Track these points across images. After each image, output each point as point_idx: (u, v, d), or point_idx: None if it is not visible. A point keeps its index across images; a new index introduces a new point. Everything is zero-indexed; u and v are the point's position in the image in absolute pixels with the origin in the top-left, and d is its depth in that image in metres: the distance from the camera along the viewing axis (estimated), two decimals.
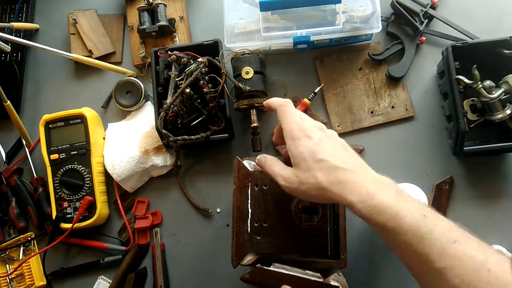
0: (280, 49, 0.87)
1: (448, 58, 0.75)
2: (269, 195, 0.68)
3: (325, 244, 0.64)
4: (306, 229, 0.65)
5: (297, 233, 0.66)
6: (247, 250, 0.67)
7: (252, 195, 0.68)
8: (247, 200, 0.68)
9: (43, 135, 0.85)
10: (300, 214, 0.66)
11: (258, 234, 0.67)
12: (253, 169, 0.70)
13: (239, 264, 0.66)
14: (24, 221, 0.86)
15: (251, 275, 0.66)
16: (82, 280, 0.84)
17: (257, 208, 0.68)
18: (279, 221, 0.67)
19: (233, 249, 0.67)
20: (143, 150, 0.83)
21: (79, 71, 0.94)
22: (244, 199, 0.68)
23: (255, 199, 0.68)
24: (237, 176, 0.69)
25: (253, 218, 0.67)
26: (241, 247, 0.67)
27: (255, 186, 0.69)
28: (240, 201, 0.68)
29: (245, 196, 0.68)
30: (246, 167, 0.70)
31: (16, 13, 0.96)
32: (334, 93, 0.86)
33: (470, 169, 0.81)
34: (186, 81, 0.76)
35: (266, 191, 0.68)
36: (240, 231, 0.67)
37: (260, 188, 0.68)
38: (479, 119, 0.78)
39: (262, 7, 0.78)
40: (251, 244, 0.67)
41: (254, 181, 0.69)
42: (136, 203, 0.85)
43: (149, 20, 0.89)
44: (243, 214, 0.68)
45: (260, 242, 0.66)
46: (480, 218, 0.79)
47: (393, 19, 0.86)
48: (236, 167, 0.70)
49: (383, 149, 0.83)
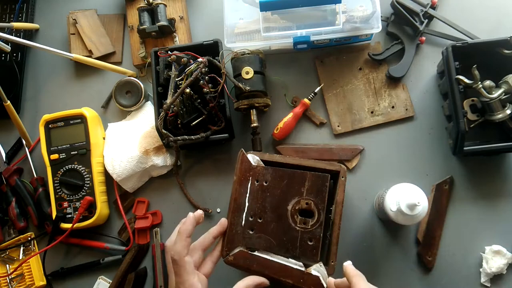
0: (280, 49, 0.87)
1: (448, 58, 0.75)
2: (268, 192, 0.68)
3: (316, 248, 0.65)
4: (299, 231, 0.66)
5: (290, 233, 0.66)
6: (238, 242, 0.67)
7: (251, 190, 0.69)
8: (246, 193, 0.69)
9: (43, 135, 0.85)
10: (296, 215, 0.66)
11: (251, 228, 0.67)
12: (256, 164, 0.70)
13: (228, 255, 0.66)
14: (24, 221, 0.86)
15: (235, 258, 0.66)
16: (82, 280, 0.84)
17: (254, 203, 0.68)
18: (274, 219, 0.67)
19: (225, 239, 0.67)
20: (143, 150, 0.83)
21: (79, 71, 0.94)
22: (243, 192, 0.69)
23: (253, 194, 0.68)
24: (239, 168, 0.70)
25: (248, 212, 0.68)
26: (232, 238, 0.67)
27: (255, 181, 0.69)
28: (238, 193, 0.69)
29: (244, 190, 0.69)
30: (250, 161, 0.70)
31: (16, 13, 0.96)
32: (334, 93, 0.86)
33: (470, 169, 0.81)
34: (186, 81, 0.76)
35: (266, 188, 0.68)
36: (234, 223, 0.68)
37: (261, 184, 0.69)
38: (479, 119, 0.78)
39: (262, 7, 0.78)
40: (243, 238, 0.67)
41: (255, 176, 0.69)
42: (136, 203, 0.85)
43: (149, 20, 0.89)
44: (240, 207, 0.68)
45: (252, 237, 0.67)
46: (480, 218, 0.79)
47: (393, 19, 0.86)
48: (239, 159, 0.70)
49: (383, 149, 0.83)
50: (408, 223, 0.69)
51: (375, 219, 0.81)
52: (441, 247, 0.78)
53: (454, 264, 0.78)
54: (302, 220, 0.66)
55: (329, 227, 0.67)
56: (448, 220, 0.79)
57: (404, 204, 0.66)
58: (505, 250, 0.76)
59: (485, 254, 0.76)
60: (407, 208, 0.65)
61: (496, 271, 0.75)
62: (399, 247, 0.79)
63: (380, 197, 0.75)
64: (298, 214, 0.66)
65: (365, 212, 0.81)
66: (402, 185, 0.69)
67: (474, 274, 0.77)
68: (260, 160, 0.71)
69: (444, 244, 0.78)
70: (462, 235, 0.78)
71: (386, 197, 0.70)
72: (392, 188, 0.70)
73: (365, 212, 0.81)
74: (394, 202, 0.68)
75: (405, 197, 0.66)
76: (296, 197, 0.67)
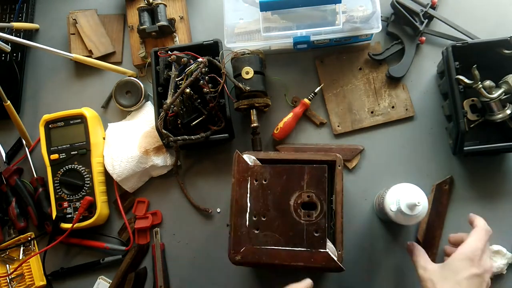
0: (280, 49, 0.87)
1: (448, 58, 0.75)
2: (268, 189, 0.68)
3: (323, 238, 0.65)
4: (304, 224, 0.66)
5: (295, 227, 0.66)
6: (245, 243, 0.67)
7: (251, 189, 0.69)
8: (246, 194, 0.69)
9: (43, 135, 0.85)
10: (299, 209, 0.67)
11: (256, 228, 0.67)
12: (253, 164, 0.70)
13: (236, 257, 0.66)
14: (24, 221, 0.86)
15: (243, 256, 0.66)
16: (82, 280, 0.84)
17: (256, 202, 0.68)
18: (278, 215, 0.67)
19: (231, 242, 0.67)
20: (143, 150, 0.83)
21: (79, 71, 0.94)
22: (243, 192, 0.69)
23: (254, 193, 0.68)
24: (237, 169, 0.70)
25: (252, 212, 0.68)
26: (239, 240, 0.67)
27: (254, 180, 0.69)
28: (239, 195, 0.69)
29: (244, 190, 0.69)
30: (246, 161, 0.70)
31: (16, 13, 0.96)
32: (334, 93, 0.86)
33: (470, 169, 0.81)
34: (186, 81, 0.76)
35: (266, 186, 0.68)
36: (238, 225, 0.68)
37: (260, 182, 0.69)
38: (479, 119, 0.78)
39: (262, 7, 0.78)
40: (249, 238, 0.67)
41: (253, 176, 0.69)
42: (136, 203, 0.85)
43: (149, 20, 0.89)
44: (242, 208, 0.68)
45: (258, 236, 0.67)
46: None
47: (393, 19, 0.86)
48: (235, 160, 0.70)
49: (383, 149, 0.83)
50: (408, 223, 0.69)
51: (375, 219, 0.81)
52: (441, 247, 0.78)
53: None
54: (306, 213, 0.66)
55: (332, 217, 0.68)
56: (448, 220, 0.79)
57: (404, 204, 0.66)
58: (505, 250, 0.76)
59: None
60: (407, 208, 0.65)
61: (496, 271, 0.75)
62: (399, 247, 0.79)
63: (380, 197, 0.75)
64: (301, 208, 0.67)
65: (365, 212, 0.81)
66: (402, 185, 0.69)
67: None
68: (256, 160, 0.71)
69: (444, 244, 0.78)
70: None
71: (386, 197, 0.70)
72: (392, 188, 0.70)
73: (365, 212, 0.81)
74: (394, 202, 0.68)
75: (405, 197, 0.66)
76: (297, 191, 0.67)
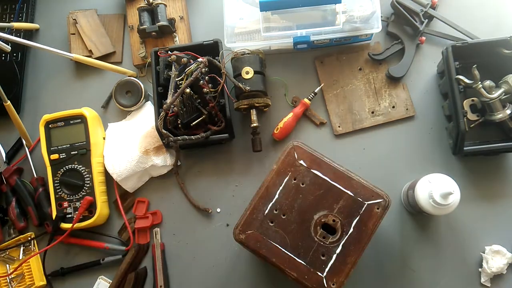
0: (280, 49, 0.87)
1: (448, 58, 0.76)
2: (301, 194, 0.68)
3: (326, 264, 0.65)
4: (316, 242, 0.66)
5: (307, 241, 0.66)
6: (254, 228, 0.67)
7: (286, 185, 0.68)
8: (279, 186, 0.68)
9: (43, 135, 0.85)
10: (319, 226, 0.66)
11: (271, 221, 0.67)
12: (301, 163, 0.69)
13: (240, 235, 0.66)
14: (24, 221, 0.86)
15: (247, 237, 0.66)
16: (82, 280, 0.84)
17: (284, 199, 0.68)
18: (297, 221, 0.67)
19: (242, 219, 0.67)
20: (143, 150, 0.83)
21: (79, 71, 0.94)
22: (277, 183, 0.69)
23: (287, 190, 0.68)
24: (282, 160, 0.69)
25: (275, 204, 0.68)
26: (250, 222, 0.67)
27: (293, 178, 0.69)
28: (272, 183, 0.69)
29: (280, 182, 0.69)
30: (295, 157, 0.69)
31: (16, 13, 0.96)
32: (334, 94, 0.86)
33: (470, 169, 0.81)
34: (186, 81, 0.76)
35: (301, 189, 0.68)
36: (257, 209, 0.68)
37: (298, 183, 0.68)
38: (479, 119, 0.78)
39: (262, 7, 0.78)
40: (260, 226, 0.67)
41: (295, 174, 0.69)
42: (136, 203, 0.85)
43: (149, 20, 0.89)
44: (269, 196, 0.68)
45: (269, 229, 0.67)
46: (480, 218, 0.79)
47: (393, 19, 0.86)
48: (287, 151, 0.69)
49: (383, 149, 0.83)
50: (441, 213, 0.69)
51: None
52: (441, 247, 0.78)
53: (454, 264, 0.78)
54: (322, 233, 0.66)
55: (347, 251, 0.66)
56: (448, 220, 0.79)
57: (438, 193, 0.65)
58: (505, 250, 0.76)
59: (485, 254, 0.76)
60: (441, 197, 0.65)
61: (496, 271, 0.75)
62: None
63: (408, 189, 0.74)
64: (321, 227, 0.66)
65: None
66: (433, 175, 0.69)
67: (474, 274, 0.77)
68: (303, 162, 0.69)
69: (444, 244, 0.78)
70: (462, 235, 0.78)
71: (417, 188, 0.69)
72: (423, 179, 0.70)
73: None
74: (426, 193, 0.67)
75: (439, 186, 0.65)
76: (326, 210, 0.67)
